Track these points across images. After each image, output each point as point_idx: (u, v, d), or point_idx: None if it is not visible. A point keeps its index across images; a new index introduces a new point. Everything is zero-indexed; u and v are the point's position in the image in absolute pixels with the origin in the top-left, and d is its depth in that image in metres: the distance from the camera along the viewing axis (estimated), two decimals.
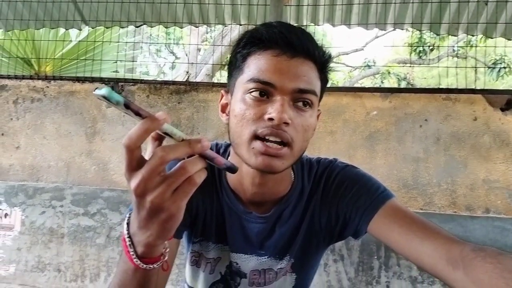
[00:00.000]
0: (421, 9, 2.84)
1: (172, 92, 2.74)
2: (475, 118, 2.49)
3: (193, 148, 0.54)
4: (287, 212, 1.00)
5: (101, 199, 2.61)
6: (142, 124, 0.50)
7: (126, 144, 0.52)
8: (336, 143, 2.54)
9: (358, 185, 0.96)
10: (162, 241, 0.62)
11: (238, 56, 0.88)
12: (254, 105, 0.82)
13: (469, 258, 0.70)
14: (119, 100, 0.46)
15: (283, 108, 0.78)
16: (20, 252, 2.68)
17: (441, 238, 0.78)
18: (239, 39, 0.90)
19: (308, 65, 0.84)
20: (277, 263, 1.03)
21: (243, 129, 0.82)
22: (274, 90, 0.80)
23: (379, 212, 0.90)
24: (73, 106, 2.80)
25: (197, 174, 0.55)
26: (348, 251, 2.39)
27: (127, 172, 0.54)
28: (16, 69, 3.15)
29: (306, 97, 0.83)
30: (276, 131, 0.79)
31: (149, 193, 0.54)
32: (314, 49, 0.84)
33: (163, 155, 0.52)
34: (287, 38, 0.81)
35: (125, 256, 0.63)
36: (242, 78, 0.85)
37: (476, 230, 2.34)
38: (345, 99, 2.58)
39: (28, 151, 2.81)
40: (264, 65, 0.82)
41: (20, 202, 2.69)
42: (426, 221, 0.84)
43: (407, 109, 2.53)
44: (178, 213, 0.57)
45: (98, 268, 2.59)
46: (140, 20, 3.15)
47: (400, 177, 2.49)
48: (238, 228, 1.01)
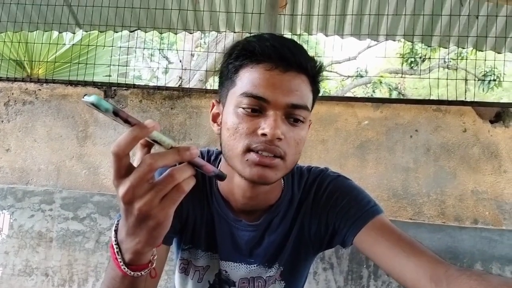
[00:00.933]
0: (413, 21, 2.88)
1: (165, 98, 2.74)
2: (465, 129, 2.52)
3: (182, 156, 0.54)
4: (277, 220, 1.01)
5: (91, 203, 2.59)
6: (130, 131, 0.51)
7: (114, 152, 0.52)
8: (328, 152, 2.55)
9: (349, 197, 0.97)
10: (150, 249, 0.63)
11: (230, 67, 0.88)
12: (247, 120, 0.82)
13: (454, 276, 0.71)
14: (108, 107, 0.47)
15: (276, 124, 0.79)
16: (8, 255, 2.65)
17: (428, 256, 0.79)
18: (231, 49, 0.90)
19: (300, 78, 0.84)
20: (266, 271, 1.04)
21: (236, 143, 0.83)
22: (267, 105, 0.81)
23: (368, 225, 0.91)
24: (65, 110, 2.78)
25: (186, 182, 0.56)
26: (337, 259, 2.40)
27: (115, 179, 0.55)
28: (8, 71, 3.13)
29: (298, 113, 0.84)
30: (270, 147, 0.80)
31: (137, 200, 0.54)
32: (307, 62, 0.85)
33: (152, 162, 0.53)
34: (280, 52, 0.82)
35: (113, 263, 0.64)
36: (234, 90, 0.85)
37: (464, 240, 2.36)
38: (337, 108, 2.59)
39: (18, 154, 2.78)
40: (257, 80, 0.82)
41: (8, 205, 2.66)
42: (413, 239, 0.85)
43: (398, 119, 2.55)
44: (166, 221, 0.57)
45: (86, 273, 2.57)
46: (135, 25, 3.15)
47: (390, 186, 2.51)
48: (227, 236, 1.01)
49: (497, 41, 2.85)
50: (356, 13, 2.93)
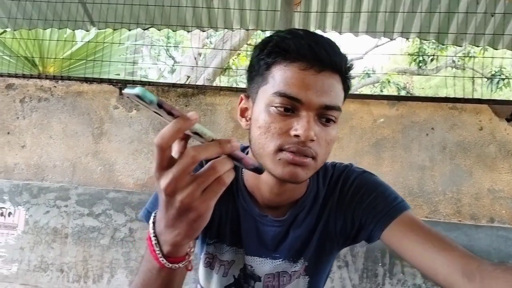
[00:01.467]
0: (428, 19, 2.87)
1: (180, 95, 2.74)
2: (481, 128, 2.51)
3: (223, 148, 0.54)
4: (302, 215, 1.00)
5: (106, 200, 2.60)
6: (174, 123, 0.50)
7: (158, 143, 0.52)
8: (343, 150, 2.55)
9: (376, 193, 0.97)
10: (188, 241, 0.63)
11: (261, 64, 0.87)
12: (279, 119, 0.82)
13: (487, 271, 0.71)
14: (153, 99, 0.46)
15: (309, 125, 0.79)
16: (23, 251, 2.67)
17: (459, 251, 0.79)
18: (263, 44, 0.89)
19: (334, 78, 0.83)
20: (291, 266, 1.04)
21: (268, 142, 0.82)
22: (300, 106, 0.80)
23: (396, 220, 0.90)
24: (80, 107, 2.80)
25: (226, 174, 0.56)
26: (352, 257, 2.40)
27: (157, 171, 0.54)
28: (22, 68, 3.15)
29: (331, 113, 0.83)
30: (302, 148, 0.80)
31: (179, 192, 0.54)
32: (341, 62, 0.84)
33: (195, 154, 0.52)
34: (316, 51, 0.80)
35: (150, 255, 0.64)
36: (266, 88, 0.85)
37: (481, 239, 2.35)
38: (352, 106, 2.59)
39: (34, 150, 2.80)
40: (290, 79, 0.81)
41: (24, 201, 2.68)
42: (442, 234, 0.85)
43: (413, 117, 2.55)
44: (207, 213, 0.57)
45: (101, 269, 2.58)
46: (148, 23, 3.16)
47: (406, 185, 2.50)
48: (253, 231, 1.01)
49: None
50: (370, 10, 2.93)
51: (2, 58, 3.50)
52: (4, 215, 2.70)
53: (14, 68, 3.31)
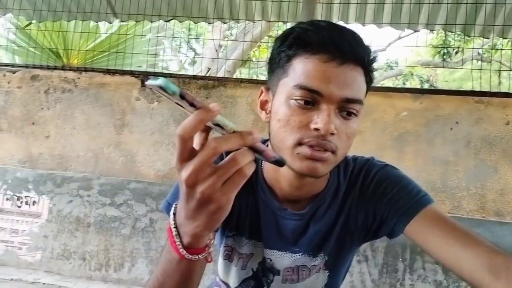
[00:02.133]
0: (455, 10, 2.79)
1: (201, 87, 2.75)
2: (508, 122, 2.44)
3: (245, 140, 0.53)
4: (322, 209, 0.99)
5: (127, 190, 2.64)
6: (196, 114, 0.50)
7: (180, 134, 0.51)
8: (364, 143, 2.52)
9: (399, 187, 0.95)
10: (208, 232, 0.62)
11: (282, 56, 0.85)
12: (299, 112, 0.80)
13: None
14: (175, 90, 0.46)
15: (329, 119, 0.77)
16: (47, 239, 2.73)
17: (484, 247, 0.76)
18: (284, 36, 0.87)
19: (356, 71, 0.81)
20: (311, 260, 1.03)
21: (287, 135, 0.81)
22: (321, 99, 0.79)
23: (419, 215, 0.88)
24: (103, 98, 2.83)
25: (247, 166, 0.55)
26: (372, 252, 2.37)
27: (178, 162, 0.54)
28: (47, 60, 3.21)
29: (352, 107, 0.81)
30: (322, 142, 0.78)
31: (200, 183, 0.54)
32: (364, 54, 0.82)
33: (216, 146, 0.52)
34: (338, 43, 0.78)
35: (170, 246, 0.64)
36: (287, 81, 0.83)
37: (505, 236, 2.30)
38: (374, 99, 2.55)
39: (58, 141, 2.85)
40: (312, 72, 0.79)
41: (48, 191, 2.74)
42: (468, 229, 0.82)
43: (438, 111, 2.50)
44: (227, 205, 0.57)
45: (122, 258, 2.63)
46: (170, 15, 3.16)
47: (428, 179, 2.46)
48: (272, 225, 1.01)
49: None
50: (394, 1, 2.86)
51: (27, 50, 3.57)
52: (28, 204, 2.77)
53: (39, 59, 3.37)
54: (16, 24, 4.25)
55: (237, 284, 1.08)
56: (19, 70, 2.98)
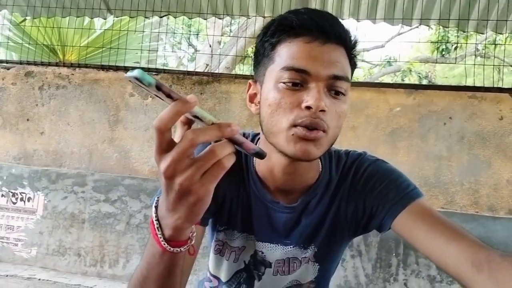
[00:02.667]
0: (448, 5, 2.78)
1: (195, 83, 2.75)
2: (501, 117, 2.44)
3: (223, 132, 0.53)
4: (314, 202, 1.00)
5: (122, 186, 2.64)
6: (173, 106, 0.50)
7: (157, 126, 0.52)
8: (358, 139, 2.52)
9: (388, 180, 0.95)
10: (189, 225, 0.62)
11: (266, 45, 0.87)
12: (289, 94, 0.81)
13: (495, 262, 0.69)
14: (151, 81, 0.46)
15: (320, 96, 0.78)
16: (42, 235, 2.74)
17: (469, 241, 0.77)
18: (266, 27, 0.88)
19: (339, 50, 0.83)
20: (301, 252, 1.03)
21: (280, 118, 0.82)
22: (309, 77, 0.80)
23: (407, 209, 0.88)
24: (97, 94, 2.83)
25: (226, 158, 0.55)
26: (366, 247, 2.38)
27: (157, 154, 0.54)
28: (42, 57, 3.19)
29: (340, 85, 0.82)
30: (315, 121, 0.79)
31: (178, 175, 0.54)
32: (345, 34, 0.83)
33: (193, 137, 0.52)
34: (319, 24, 0.80)
35: (153, 239, 0.64)
36: (274, 67, 0.84)
37: (498, 231, 2.30)
38: (368, 95, 2.55)
39: (52, 137, 2.85)
40: (297, 53, 0.81)
41: (43, 187, 2.74)
42: (454, 223, 0.83)
43: (431, 106, 2.50)
44: (206, 197, 0.57)
45: (117, 254, 2.63)
46: (164, 11, 3.16)
47: (422, 175, 2.46)
48: (264, 217, 1.01)
49: None
50: None
51: (22, 46, 3.56)
52: (23, 200, 2.78)
53: (33, 56, 3.36)
54: (11, 20, 4.24)
55: (229, 278, 1.09)
56: (13, 67, 2.98)
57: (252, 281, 1.07)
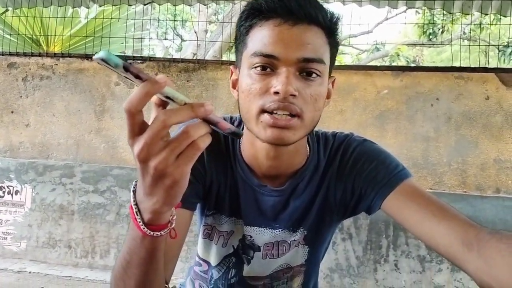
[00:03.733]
0: None
1: (181, 70, 2.72)
2: (487, 97, 2.45)
3: (196, 112, 0.52)
4: (302, 185, 0.99)
5: (110, 176, 2.62)
6: (142, 87, 0.49)
7: (126, 108, 0.50)
8: (346, 122, 2.52)
9: (377, 161, 0.94)
10: (168, 208, 0.61)
11: (242, 29, 0.86)
12: (259, 79, 0.80)
13: (485, 240, 0.70)
14: (118, 62, 0.45)
15: (288, 80, 0.76)
16: (31, 228, 2.71)
17: (458, 220, 0.77)
18: (242, 11, 0.87)
19: (312, 30, 0.80)
20: (290, 236, 1.03)
21: (251, 104, 0.81)
22: (278, 62, 0.78)
23: (396, 189, 0.88)
24: (82, 84, 2.80)
25: (201, 139, 0.54)
26: (356, 230, 2.39)
27: (129, 137, 0.53)
28: (24, 47, 3.14)
29: (312, 66, 0.80)
30: (284, 105, 0.77)
31: (152, 158, 0.52)
32: (318, 13, 0.81)
33: (165, 118, 0.50)
34: (286, 5, 0.78)
35: (133, 224, 0.63)
36: (247, 52, 0.83)
37: (486, 210, 2.33)
38: (355, 78, 2.55)
39: (38, 129, 2.82)
40: (265, 37, 0.79)
41: (30, 179, 2.71)
42: (444, 203, 0.83)
43: (418, 88, 2.50)
44: (183, 179, 0.55)
45: (108, 244, 2.62)
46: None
47: (410, 156, 2.47)
48: (252, 201, 1.00)
49: None
50: None
51: (3, 37, 3.49)
52: (11, 193, 2.74)
53: (16, 47, 3.30)
54: None
55: (218, 262, 1.09)
56: None
57: (241, 265, 1.07)
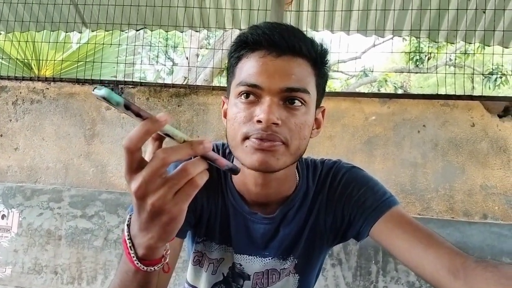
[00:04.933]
0: (419, 16, 2.87)
1: (172, 95, 2.74)
2: (473, 124, 2.50)
3: (195, 150, 0.53)
4: (292, 212, 1.00)
5: (99, 201, 2.60)
6: (142, 125, 0.49)
7: (126, 146, 0.51)
8: (335, 148, 2.55)
9: (365, 188, 0.96)
10: (163, 244, 0.62)
11: (232, 61, 0.89)
12: (243, 108, 0.82)
13: (471, 268, 0.71)
14: (119, 101, 0.46)
15: (270, 109, 0.78)
16: (17, 254, 2.66)
17: (445, 248, 0.78)
18: (232, 43, 0.90)
19: (296, 62, 0.83)
20: (280, 264, 1.03)
21: (236, 132, 0.83)
22: (262, 92, 0.81)
23: (384, 216, 0.90)
24: (73, 108, 2.80)
25: (199, 176, 0.54)
26: (346, 255, 2.39)
27: (127, 174, 0.53)
28: (15, 71, 3.14)
29: (296, 95, 0.82)
30: (267, 134, 0.79)
31: (150, 195, 0.53)
32: (301, 45, 0.83)
33: (165, 157, 0.51)
34: (270, 38, 0.81)
35: (126, 258, 0.63)
36: (234, 82, 0.86)
37: (474, 235, 2.34)
38: (344, 104, 2.59)
39: (27, 153, 2.80)
40: (251, 68, 0.82)
41: (17, 204, 2.67)
42: (430, 230, 0.84)
43: (405, 114, 2.55)
44: (180, 216, 0.56)
45: (95, 270, 2.58)
46: (140, 24, 3.15)
47: (398, 182, 2.50)
48: (242, 229, 1.01)
49: (505, 36, 2.83)
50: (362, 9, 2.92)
51: None
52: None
53: (7, 71, 3.31)
54: None
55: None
56: None
57: None
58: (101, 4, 2.97)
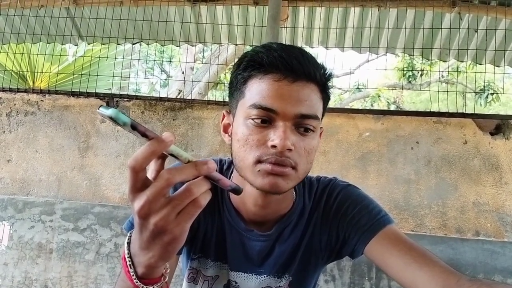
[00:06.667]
0: (413, 35, 2.91)
1: (167, 109, 2.75)
2: (465, 141, 2.53)
3: (199, 171, 0.53)
4: (288, 230, 1.00)
5: (91, 214, 2.58)
6: (148, 145, 0.50)
7: (131, 166, 0.51)
8: (329, 163, 2.56)
9: (360, 206, 0.96)
10: (163, 263, 0.62)
11: (239, 78, 0.88)
12: (256, 131, 0.82)
13: (465, 286, 0.71)
14: (126, 121, 0.46)
15: (285, 135, 0.78)
16: (7, 267, 2.63)
17: (439, 267, 0.79)
18: (239, 60, 0.90)
19: (309, 88, 0.83)
20: (276, 282, 1.03)
21: (247, 154, 0.83)
22: (276, 116, 0.81)
23: (378, 234, 0.90)
24: (67, 121, 2.79)
25: (202, 196, 0.55)
26: (339, 271, 2.39)
27: (131, 193, 0.53)
28: (10, 83, 3.14)
29: (308, 122, 0.83)
30: (280, 159, 0.79)
31: (153, 215, 0.53)
32: (315, 71, 0.84)
33: (169, 177, 0.51)
34: (288, 62, 0.81)
35: (125, 276, 0.63)
36: (244, 102, 0.85)
37: (466, 252, 2.35)
38: (338, 120, 2.61)
39: (19, 165, 2.78)
40: (265, 91, 0.82)
41: (9, 216, 2.65)
42: (424, 249, 0.85)
43: (399, 131, 2.57)
44: (182, 236, 0.56)
45: (86, 285, 2.55)
46: (137, 38, 3.17)
47: (391, 198, 2.51)
48: (238, 246, 1.00)
49: (496, 55, 2.88)
50: (356, 27, 2.97)
51: None
52: None
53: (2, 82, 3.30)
54: None
55: None
56: None
57: None
58: (97, 18, 2.98)
